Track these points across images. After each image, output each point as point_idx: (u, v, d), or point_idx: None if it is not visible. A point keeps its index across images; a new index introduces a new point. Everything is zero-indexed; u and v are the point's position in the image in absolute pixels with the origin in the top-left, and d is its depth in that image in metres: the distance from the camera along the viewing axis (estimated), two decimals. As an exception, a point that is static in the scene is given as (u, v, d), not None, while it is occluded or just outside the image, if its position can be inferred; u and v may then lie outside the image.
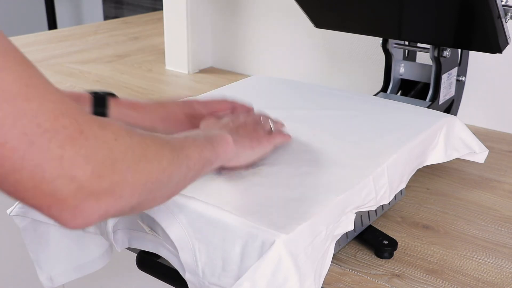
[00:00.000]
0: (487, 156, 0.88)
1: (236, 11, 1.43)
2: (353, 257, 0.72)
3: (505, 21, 0.85)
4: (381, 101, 0.95)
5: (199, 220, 0.60)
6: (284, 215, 0.60)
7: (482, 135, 1.07)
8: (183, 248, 0.61)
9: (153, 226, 0.65)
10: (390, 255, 0.73)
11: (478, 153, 0.87)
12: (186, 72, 1.46)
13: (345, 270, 0.70)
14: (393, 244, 0.73)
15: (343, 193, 0.64)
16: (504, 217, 0.82)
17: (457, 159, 0.88)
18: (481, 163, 0.90)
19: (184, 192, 0.63)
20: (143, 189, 0.47)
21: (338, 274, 0.70)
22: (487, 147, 0.88)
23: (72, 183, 0.41)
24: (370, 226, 0.77)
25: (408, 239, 0.77)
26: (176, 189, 0.56)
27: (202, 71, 1.49)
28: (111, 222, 0.68)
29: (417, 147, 0.78)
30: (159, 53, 1.61)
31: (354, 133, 0.80)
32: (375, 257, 0.73)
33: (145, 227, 0.66)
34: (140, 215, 0.65)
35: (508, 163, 0.99)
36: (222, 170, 0.67)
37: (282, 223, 0.58)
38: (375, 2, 0.94)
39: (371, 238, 0.74)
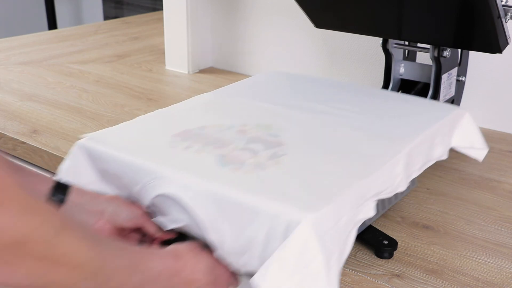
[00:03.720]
0: (487, 156, 0.88)
1: (236, 11, 1.43)
2: (353, 257, 0.72)
3: (505, 21, 0.85)
4: (397, 95, 0.98)
5: (225, 202, 0.62)
6: (308, 198, 0.61)
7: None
8: (208, 228, 0.62)
9: (176, 211, 0.65)
10: (390, 255, 0.73)
11: (478, 149, 0.87)
12: (186, 72, 1.46)
13: (345, 270, 0.70)
14: (393, 244, 0.73)
15: (364, 178, 0.66)
16: (504, 217, 0.82)
17: (457, 159, 0.88)
18: (481, 164, 0.90)
19: (209, 177, 0.65)
20: None
21: (338, 274, 0.70)
22: (487, 147, 0.88)
23: None
24: (370, 226, 0.77)
25: (408, 239, 0.77)
26: None
27: (202, 71, 1.49)
28: None
29: (431, 136, 0.80)
30: (159, 53, 1.61)
31: (372, 124, 0.82)
32: (375, 257, 0.73)
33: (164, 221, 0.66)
34: (162, 196, 0.65)
35: (508, 163, 0.99)
36: None
37: (307, 205, 0.59)
38: (375, 2, 0.94)
39: (371, 238, 0.74)
